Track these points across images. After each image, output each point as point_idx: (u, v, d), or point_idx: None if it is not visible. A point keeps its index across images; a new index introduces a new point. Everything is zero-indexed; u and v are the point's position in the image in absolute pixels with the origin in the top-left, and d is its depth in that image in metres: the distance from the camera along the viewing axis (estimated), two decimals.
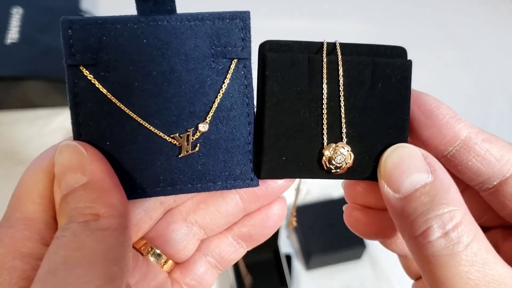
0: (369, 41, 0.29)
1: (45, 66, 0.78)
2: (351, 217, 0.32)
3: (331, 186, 0.92)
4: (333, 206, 0.87)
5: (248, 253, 0.88)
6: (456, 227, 0.24)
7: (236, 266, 0.80)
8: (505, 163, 0.27)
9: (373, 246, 0.86)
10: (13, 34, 0.82)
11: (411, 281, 0.37)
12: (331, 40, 0.29)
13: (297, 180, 0.33)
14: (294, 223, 0.38)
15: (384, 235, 0.32)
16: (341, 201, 0.88)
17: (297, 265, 0.85)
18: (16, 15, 0.85)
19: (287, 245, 0.87)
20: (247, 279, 0.70)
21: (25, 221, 0.24)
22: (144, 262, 0.31)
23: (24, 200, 0.24)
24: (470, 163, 0.28)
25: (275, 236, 0.83)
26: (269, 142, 0.28)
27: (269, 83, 0.28)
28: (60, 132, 0.82)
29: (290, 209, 0.34)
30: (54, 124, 0.83)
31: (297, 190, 0.35)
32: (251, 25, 0.28)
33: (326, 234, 0.83)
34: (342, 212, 0.32)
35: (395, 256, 0.36)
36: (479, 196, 0.30)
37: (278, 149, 0.28)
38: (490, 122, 0.97)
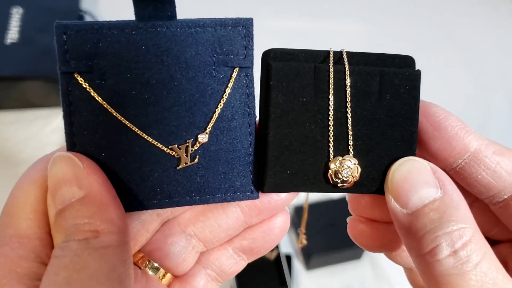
0: (370, 41, 0.29)
1: (45, 66, 0.78)
2: (355, 230, 0.32)
3: None
4: (333, 206, 0.87)
5: None
6: (465, 246, 0.23)
7: None
8: None
9: None
10: (13, 34, 0.82)
11: None
12: (336, 47, 0.28)
13: (304, 195, 0.32)
14: (304, 241, 0.37)
15: (389, 248, 0.31)
16: (341, 201, 0.88)
17: (297, 265, 0.85)
18: (16, 15, 0.84)
19: (287, 245, 0.87)
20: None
21: (18, 239, 0.22)
22: (143, 276, 0.30)
23: (16, 215, 0.23)
24: (480, 177, 0.27)
25: None
26: (273, 155, 0.27)
27: (274, 94, 0.27)
28: (59, 132, 0.82)
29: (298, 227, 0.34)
30: (54, 124, 0.83)
31: (305, 207, 0.35)
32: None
33: (326, 234, 0.83)
34: (342, 212, 0.32)
35: None
36: (488, 209, 0.29)
37: (282, 162, 0.27)
38: (490, 122, 0.97)
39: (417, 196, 0.25)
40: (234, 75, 0.26)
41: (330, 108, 0.27)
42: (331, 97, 0.27)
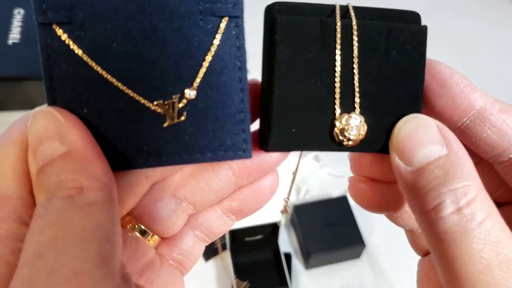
0: None
1: None
2: (355, 189, 0.31)
3: (330, 185, 0.92)
4: (333, 205, 0.87)
5: (248, 253, 0.89)
6: (469, 203, 0.23)
7: (236, 266, 0.80)
8: None
9: (372, 245, 0.87)
10: (15, 35, 0.82)
11: (410, 280, 0.36)
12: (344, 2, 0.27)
13: (296, 158, 0.32)
14: (288, 210, 0.37)
15: (390, 209, 0.31)
16: (340, 200, 0.89)
17: (297, 264, 0.85)
18: (18, 15, 0.85)
19: (286, 244, 0.87)
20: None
21: None
22: (133, 239, 0.29)
23: None
24: (485, 135, 0.26)
25: (275, 235, 0.84)
26: (277, 113, 0.26)
27: (279, 49, 0.25)
28: None
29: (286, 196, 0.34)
30: None
31: (294, 173, 0.33)
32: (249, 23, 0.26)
33: (326, 233, 0.84)
34: (342, 211, 0.32)
35: (394, 255, 0.36)
36: (493, 170, 0.28)
37: (287, 121, 0.26)
38: None
39: (422, 153, 0.24)
40: (222, 25, 0.25)
41: (336, 64, 0.26)
42: (337, 52, 0.26)
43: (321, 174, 0.94)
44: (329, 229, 0.84)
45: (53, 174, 0.21)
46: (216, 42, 0.25)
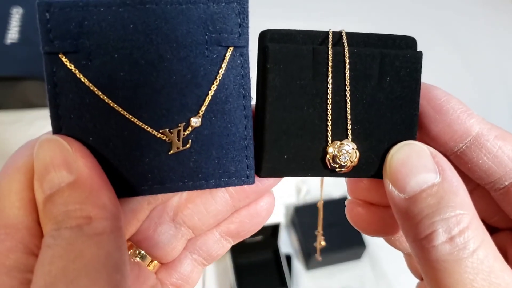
0: None
1: None
2: (353, 213, 0.31)
3: (331, 186, 0.92)
4: (333, 206, 0.87)
5: (249, 254, 0.88)
6: (462, 232, 0.23)
7: (236, 266, 0.80)
8: None
9: (373, 246, 0.86)
10: (13, 34, 0.82)
11: (411, 281, 0.36)
12: (337, 29, 0.27)
13: (317, 192, 0.32)
14: (323, 243, 0.37)
15: (387, 232, 0.31)
16: (341, 201, 0.88)
17: (297, 265, 0.85)
18: (16, 15, 0.84)
19: (287, 245, 0.87)
20: None
21: (5, 230, 0.21)
22: (135, 265, 0.29)
23: (1, 205, 0.22)
24: (481, 161, 0.26)
25: (275, 236, 0.83)
26: (270, 139, 0.26)
27: (271, 77, 0.26)
28: None
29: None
30: None
31: (320, 207, 0.34)
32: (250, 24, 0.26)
33: (326, 234, 0.83)
34: (342, 212, 0.32)
35: (395, 257, 0.35)
36: (489, 196, 0.28)
37: (280, 147, 0.26)
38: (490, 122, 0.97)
39: (415, 180, 0.24)
40: (228, 55, 0.25)
41: (328, 91, 0.26)
42: (329, 80, 0.26)
43: None
44: (329, 230, 0.84)
45: (61, 203, 0.21)
46: (222, 71, 0.25)
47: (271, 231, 0.83)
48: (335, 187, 0.92)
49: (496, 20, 1.21)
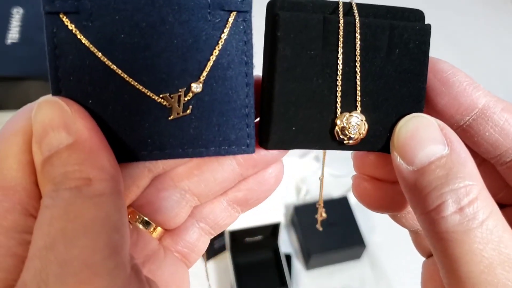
0: None
1: (45, 66, 0.78)
2: (359, 188, 0.31)
3: (331, 186, 0.92)
4: (333, 206, 0.87)
5: (249, 253, 0.88)
6: (471, 203, 0.23)
7: (236, 267, 0.80)
8: None
9: (373, 246, 0.86)
10: (13, 34, 0.82)
11: (411, 281, 0.36)
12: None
13: (319, 171, 0.32)
14: (324, 214, 0.36)
15: (393, 209, 0.30)
16: (341, 201, 0.88)
17: (297, 264, 0.85)
18: (17, 15, 0.85)
19: (287, 244, 0.87)
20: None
21: (2, 191, 0.21)
22: (134, 230, 0.28)
23: None
24: (487, 134, 0.26)
25: (275, 235, 0.83)
26: (278, 110, 0.26)
27: (281, 46, 0.25)
28: None
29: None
30: None
31: (321, 179, 0.33)
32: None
33: (326, 234, 0.83)
34: (342, 212, 0.32)
35: (394, 256, 0.35)
36: (495, 171, 0.28)
37: (288, 118, 0.26)
38: None
39: (423, 153, 0.24)
40: (230, 19, 0.25)
41: (338, 62, 0.26)
42: (340, 50, 0.26)
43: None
44: (329, 230, 0.84)
45: (60, 164, 0.21)
46: (224, 36, 0.25)
47: (271, 231, 0.83)
48: (335, 187, 0.92)
49: (496, 20, 1.21)
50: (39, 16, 0.98)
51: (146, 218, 0.29)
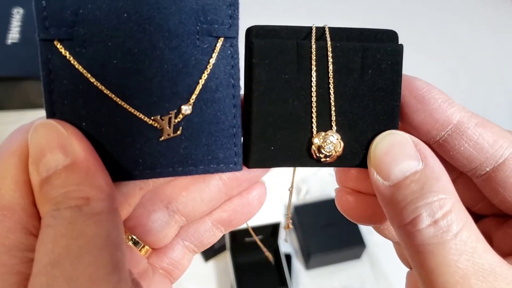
0: None
1: None
2: (342, 201, 0.32)
3: (330, 186, 0.92)
4: (333, 206, 0.87)
5: (248, 253, 0.88)
6: (445, 215, 0.24)
7: (236, 265, 0.80)
8: (498, 149, 0.26)
9: (373, 245, 0.87)
10: (14, 34, 0.82)
11: None
12: (321, 24, 0.28)
13: (291, 177, 0.33)
14: (290, 226, 0.38)
15: (376, 221, 0.32)
16: None
17: (297, 264, 0.85)
18: (17, 15, 0.85)
19: (287, 244, 0.87)
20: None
21: (2, 211, 0.22)
22: (128, 249, 0.29)
23: None
24: (462, 148, 0.27)
25: (275, 235, 0.83)
26: (257, 132, 0.27)
27: (256, 72, 0.27)
28: None
29: (285, 211, 0.34)
30: None
31: (291, 190, 0.35)
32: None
33: (326, 234, 0.84)
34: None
35: (394, 256, 0.36)
36: (472, 184, 0.29)
37: (267, 138, 0.27)
38: None
39: (398, 168, 0.25)
40: (218, 45, 0.26)
41: (312, 84, 0.27)
42: (313, 73, 0.27)
43: (321, 174, 0.94)
44: (329, 230, 0.84)
45: (59, 185, 0.22)
46: (212, 60, 0.26)
47: (271, 231, 0.83)
48: (334, 187, 0.92)
49: (496, 20, 1.21)
50: None
51: (135, 238, 0.30)
